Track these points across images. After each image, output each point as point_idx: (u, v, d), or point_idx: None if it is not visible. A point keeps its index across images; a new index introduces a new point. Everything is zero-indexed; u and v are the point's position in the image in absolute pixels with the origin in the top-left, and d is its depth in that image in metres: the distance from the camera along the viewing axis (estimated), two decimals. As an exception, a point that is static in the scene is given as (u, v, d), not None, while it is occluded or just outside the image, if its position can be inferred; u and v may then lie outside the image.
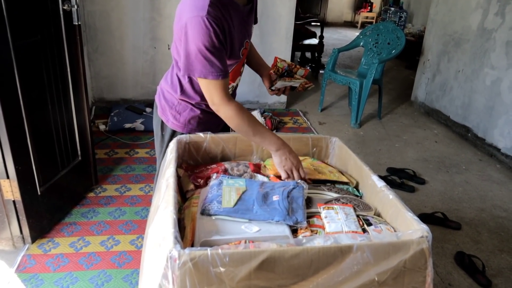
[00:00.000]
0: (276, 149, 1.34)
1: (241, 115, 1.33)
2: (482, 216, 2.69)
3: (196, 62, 1.28)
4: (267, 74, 1.62)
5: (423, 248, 0.96)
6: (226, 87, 1.33)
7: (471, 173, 3.31)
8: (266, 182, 1.28)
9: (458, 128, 4.08)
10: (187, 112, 1.54)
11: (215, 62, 1.28)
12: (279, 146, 1.34)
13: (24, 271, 1.94)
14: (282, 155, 1.34)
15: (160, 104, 1.60)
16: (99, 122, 3.66)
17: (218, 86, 1.31)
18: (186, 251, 0.84)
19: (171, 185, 1.12)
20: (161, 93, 1.59)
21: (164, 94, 1.58)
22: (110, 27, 3.85)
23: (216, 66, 1.28)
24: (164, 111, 1.58)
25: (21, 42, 1.86)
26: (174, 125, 1.56)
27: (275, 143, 1.35)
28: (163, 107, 1.58)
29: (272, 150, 1.36)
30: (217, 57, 1.28)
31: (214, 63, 1.27)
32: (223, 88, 1.32)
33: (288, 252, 0.88)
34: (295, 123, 4.14)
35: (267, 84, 1.62)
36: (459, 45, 4.10)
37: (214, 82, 1.30)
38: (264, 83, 1.65)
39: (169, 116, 1.56)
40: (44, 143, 2.13)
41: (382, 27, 4.33)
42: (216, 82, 1.30)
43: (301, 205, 1.15)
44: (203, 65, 1.27)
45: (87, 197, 2.55)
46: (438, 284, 2.06)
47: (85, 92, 2.39)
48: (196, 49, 1.25)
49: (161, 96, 1.59)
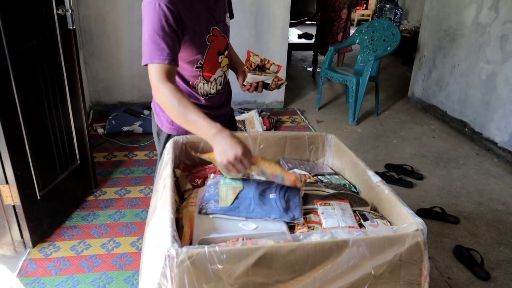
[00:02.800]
0: (210, 139, 1.15)
1: (172, 97, 1.20)
2: (480, 210, 2.70)
3: (146, 46, 1.26)
4: (242, 71, 1.59)
5: (418, 241, 0.97)
6: (169, 73, 1.25)
7: (468, 167, 3.32)
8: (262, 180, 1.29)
9: (455, 123, 4.10)
10: None
11: (163, 46, 1.24)
12: (212, 135, 1.14)
13: (26, 275, 1.95)
14: (218, 145, 1.12)
15: (154, 110, 1.61)
16: (97, 126, 3.67)
17: (160, 70, 1.23)
18: (184, 250, 0.85)
19: (168, 185, 1.13)
20: (155, 101, 1.58)
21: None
22: (106, 30, 3.86)
23: (162, 49, 1.24)
24: (158, 116, 1.58)
25: (16, 47, 1.87)
26: (168, 129, 1.56)
27: (208, 132, 1.15)
28: (157, 113, 1.59)
29: (208, 141, 1.16)
30: (165, 41, 1.24)
31: (161, 47, 1.24)
32: (165, 72, 1.24)
33: (284, 248, 0.89)
34: (293, 122, 4.15)
35: (241, 81, 1.59)
36: (454, 40, 4.12)
37: (157, 66, 1.23)
38: (238, 79, 1.62)
39: (163, 120, 1.56)
40: (43, 147, 2.14)
41: (377, 24, 4.35)
42: (158, 66, 1.23)
43: (298, 202, 1.17)
44: (150, 49, 1.24)
45: (87, 201, 2.56)
46: (437, 278, 2.07)
47: (82, 96, 2.40)
48: (146, 33, 1.25)
49: (154, 102, 1.59)
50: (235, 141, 1.11)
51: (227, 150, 1.10)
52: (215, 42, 1.46)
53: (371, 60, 3.99)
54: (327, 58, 4.34)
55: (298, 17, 6.38)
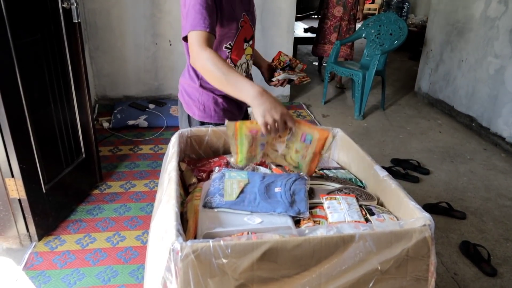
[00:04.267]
0: (253, 98, 1.14)
1: (215, 60, 1.22)
2: (487, 205, 2.68)
3: (189, 16, 1.32)
4: (267, 66, 1.69)
5: (425, 236, 0.96)
6: (209, 40, 1.29)
7: (475, 162, 3.29)
8: (268, 174, 1.28)
9: (462, 118, 4.06)
10: (211, 102, 1.56)
11: (205, 15, 1.30)
12: (257, 94, 1.14)
13: (31, 268, 1.95)
14: (261, 105, 1.12)
15: (184, 100, 1.62)
16: (102, 120, 3.67)
17: (201, 37, 1.28)
18: (188, 244, 0.84)
19: (173, 179, 1.12)
20: (183, 90, 1.62)
21: (185, 90, 1.60)
22: (111, 24, 3.85)
23: (205, 18, 1.30)
24: (189, 106, 1.60)
25: (22, 41, 1.86)
26: (201, 117, 1.58)
27: (251, 89, 1.15)
28: (187, 102, 1.60)
29: (249, 100, 1.16)
30: (207, 12, 1.31)
31: (204, 16, 1.30)
32: (206, 40, 1.28)
33: (290, 243, 0.88)
34: (299, 116, 4.13)
35: (267, 75, 1.69)
36: (462, 34, 4.07)
37: (199, 33, 1.28)
38: (263, 74, 1.71)
39: (195, 109, 1.58)
40: (48, 141, 2.14)
41: (384, 18, 4.30)
42: (200, 33, 1.28)
43: (304, 196, 1.16)
44: (193, 18, 1.30)
45: (92, 194, 2.57)
46: (443, 274, 2.05)
47: (87, 90, 2.40)
48: (190, 4, 1.31)
49: (183, 92, 1.62)
50: (279, 101, 1.14)
51: (272, 109, 1.11)
52: (244, 28, 1.52)
53: (377, 54, 3.95)
54: (333, 52, 4.30)
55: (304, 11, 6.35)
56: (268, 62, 1.71)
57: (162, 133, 3.50)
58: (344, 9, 4.65)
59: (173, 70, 4.12)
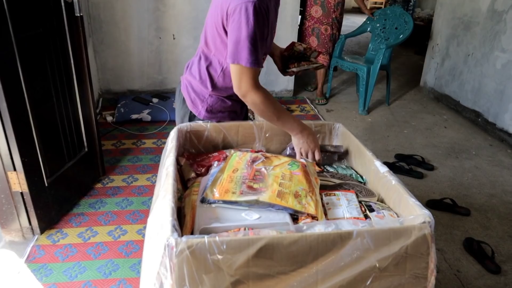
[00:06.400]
0: (296, 133, 1.40)
1: (267, 101, 1.33)
2: (492, 202, 2.65)
3: (244, 49, 1.26)
4: (279, 54, 1.66)
5: (425, 233, 0.94)
6: (257, 75, 1.34)
7: (481, 158, 3.26)
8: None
9: (468, 113, 4.02)
10: (219, 104, 1.55)
11: (259, 50, 1.28)
12: (299, 130, 1.39)
13: (33, 261, 1.96)
14: (301, 138, 1.39)
15: (189, 96, 1.58)
16: (106, 114, 3.68)
17: (252, 74, 1.30)
18: (183, 239, 0.83)
19: (170, 174, 1.12)
20: (189, 86, 1.57)
21: (193, 88, 1.56)
22: (115, 18, 3.84)
23: (259, 54, 1.28)
24: (195, 104, 1.57)
25: (23, 35, 1.86)
26: (207, 117, 1.56)
27: (296, 127, 1.39)
28: (193, 100, 1.57)
29: (293, 134, 1.41)
30: (261, 46, 1.30)
31: (258, 51, 1.28)
32: (256, 75, 1.32)
33: (286, 239, 0.87)
34: (302, 111, 4.11)
35: (280, 65, 1.67)
36: (469, 28, 4.02)
37: (250, 69, 1.28)
38: (276, 63, 1.68)
39: (201, 109, 1.56)
40: (50, 135, 2.14)
41: (390, 11, 4.26)
42: (251, 70, 1.29)
43: None
44: (248, 52, 1.26)
45: (94, 188, 2.57)
46: (446, 271, 2.04)
47: (89, 84, 2.39)
48: (246, 35, 1.25)
49: (189, 89, 1.57)
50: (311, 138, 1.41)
51: (309, 143, 1.40)
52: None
53: (382, 49, 3.91)
54: (337, 47, 4.26)
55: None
56: (280, 50, 1.67)
57: (166, 127, 3.49)
58: (323, 11, 4.03)
59: (177, 64, 4.11)
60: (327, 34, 4.12)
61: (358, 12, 12.06)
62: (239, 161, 1.23)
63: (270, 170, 1.19)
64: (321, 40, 4.14)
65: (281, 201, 1.06)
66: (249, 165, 1.20)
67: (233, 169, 1.19)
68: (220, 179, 1.15)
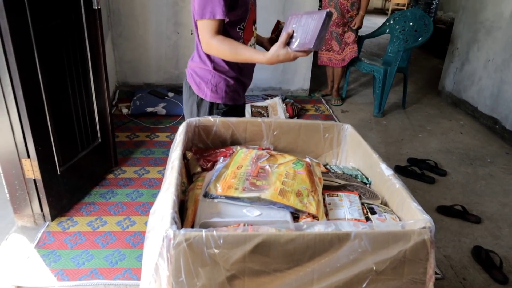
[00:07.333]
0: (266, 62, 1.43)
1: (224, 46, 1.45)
2: (505, 211, 2.60)
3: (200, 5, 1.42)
4: (268, 40, 1.72)
5: (424, 239, 0.94)
6: (218, 28, 1.45)
7: (496, 166, 3.20)
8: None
9: (485, 120, 3.94)
10: (222, 84, 1.63)
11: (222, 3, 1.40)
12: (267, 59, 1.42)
13: (43, 247, 2.01)
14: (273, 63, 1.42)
15: (194, 82, 1.66)
16: (122, 106, 3.73)
17: (214, 25, 1.43)
18: (181, 232, 0.85)
19: (175, 167, 1.13)
20: (193, 73, 1.66)
21: (196, 72, 1.65)
22: (134, 12, 3.89)
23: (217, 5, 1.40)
24: (200, 87, 1.65)
25: (41, 26, 1.90)
26: (213, 98, 1.64)
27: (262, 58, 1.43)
28: (198, 84, 1.65)
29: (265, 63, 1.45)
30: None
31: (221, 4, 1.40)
32: (217, 27, 1.44)
33: (283, 237, 0.88)
34: (317, 111, 4.10)
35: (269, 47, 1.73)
36: (490, 33, 3.94)
37: (209, 21, 1.42)
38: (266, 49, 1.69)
39: (206, 90, 1.63)
40: (64, 124, 2.19)
41: (410, 13, 4.20)
42: (210, 22, 1.42)
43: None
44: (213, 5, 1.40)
45: (106, 178, 2.62)
46: (451, 278, 2.01)
47: (105, 76, 2.43)
48: None
49: (193, 75, 1.66)
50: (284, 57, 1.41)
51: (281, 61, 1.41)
52: (252, 11, 1.61)
53: (400, 51, 3.87)
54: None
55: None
56: (267, 38, 1.74)
57: (180, 121, 3.50)
58: (338, 12, 3.87)
59: (194, 60, 4.13)
60: (346, 36, 4.02)
61: (379, 13, 11.94)
62: (245, 157, 1.24)
63: (275, 168, 1.19)
64: (342, 43, 4.04)
65: (282, 199, 1.07)
66: (254, 162, 1.21)
67: (238, 165, 1.20)
68: (224, 175, 1.16)
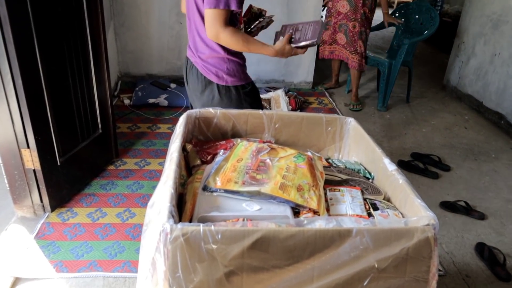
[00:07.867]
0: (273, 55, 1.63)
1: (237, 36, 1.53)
2: (509, 208, 2.57)
3: None
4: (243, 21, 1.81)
5: (428, 236, 0.91)
6: (229, 18, 1.52)
7: (500, 162, 3.16)
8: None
9: (490, 115, 3.90)
10: (237, 67, 1.71)
11: None
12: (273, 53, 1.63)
13: (42, 238, 2.00)
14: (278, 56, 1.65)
15: (211, 72, 1.70)
16: (124, 96, 3.70)
17: (224, 14, 1.48)
18: (179, 226, 0.83)
19: (174, 160, 1.11)
20: (208, 65, 1.70)
21: (210, 63, 1.69)
22: (137, 1, 3.84)
23: None
24: (219, 76, 1.69)
25: (41, 14, 1.87)
26: (234, 82, 1.71)
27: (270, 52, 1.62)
28: (216, 74, 1.69)
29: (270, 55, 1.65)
30: None
31: None
32: (229, 17, 1.51)
33: (283, 233, 0.86)
34: (320, 104, 4.06)
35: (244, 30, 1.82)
36: (497, 27, 3.88)
37: (223, 11, 1.47)
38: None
39: (226, 77, 1.69)
40: (64, 115, 2.16)
41: (416, 6, 4.14)
42: (224, 12, 1.47)
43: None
44: None
45: (107, 170, 2.60)
46: (454, 275, 1.99)
47: (106, 66, 2.40)
48: None
49: (209, 67, 1.69)
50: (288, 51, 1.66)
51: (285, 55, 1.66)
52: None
53: (405, 44, 3.82)
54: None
55: None
56: None
57: (182, 113, 3.46)
58: (351, 6, 3.65)
59: (196, 51, 4.09)
60: (355, 32, 3.71)
61: (384, 6, 11.78)
62: (245, 150, 1.22)
63: (275, 161, 1.17)
64: (349, 37, 3.76)
65: (283, 194, 1.04)
66: (254, 155, 1.19)
67: (238, 158, 1.18)
68: (223, 168, 1.14)
